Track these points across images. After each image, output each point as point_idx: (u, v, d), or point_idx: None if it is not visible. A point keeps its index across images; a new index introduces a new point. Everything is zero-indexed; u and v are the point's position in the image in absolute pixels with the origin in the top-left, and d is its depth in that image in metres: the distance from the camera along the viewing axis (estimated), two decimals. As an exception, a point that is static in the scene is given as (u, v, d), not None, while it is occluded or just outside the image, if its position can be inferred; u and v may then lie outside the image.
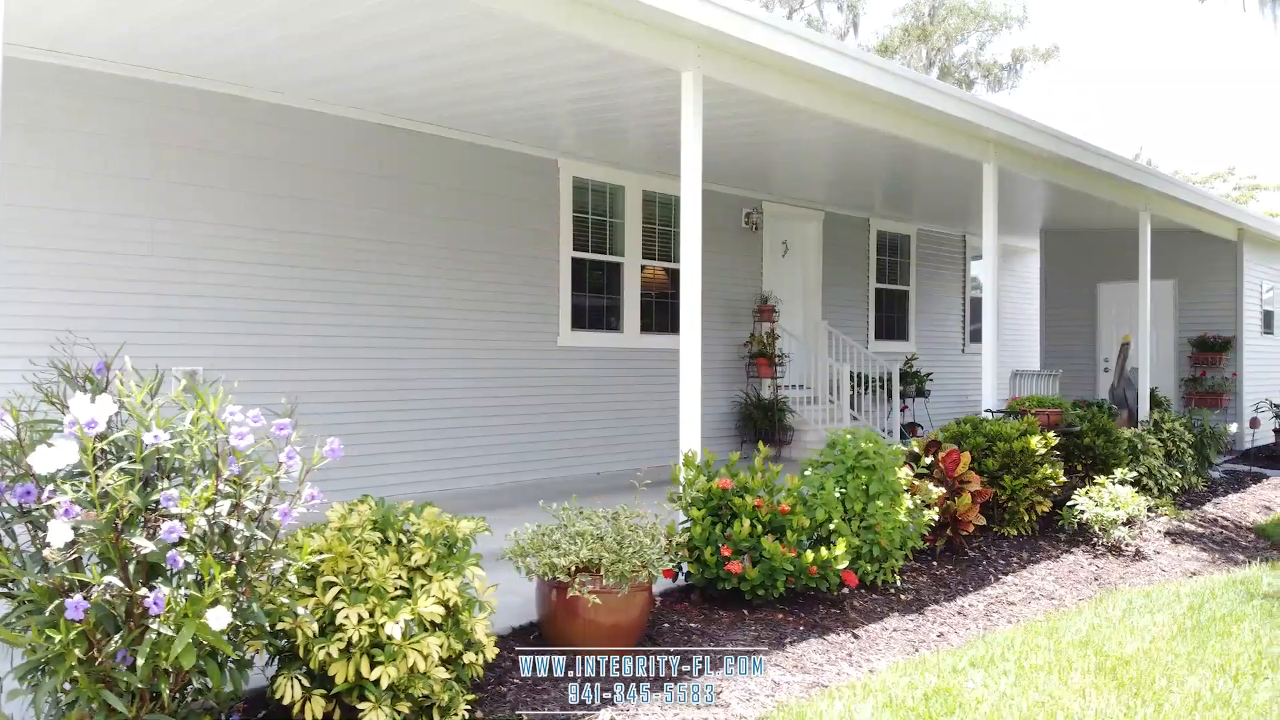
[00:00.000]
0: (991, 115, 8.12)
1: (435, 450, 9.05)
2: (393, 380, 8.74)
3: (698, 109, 5.82)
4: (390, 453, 8.69)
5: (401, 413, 8.80)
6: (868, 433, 6.02)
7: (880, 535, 5.62)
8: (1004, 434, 7.09)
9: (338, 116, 8.22)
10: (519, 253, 9.91)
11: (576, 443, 10.34)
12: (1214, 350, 13.65)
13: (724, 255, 12.26)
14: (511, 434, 9.72)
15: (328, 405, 8.27)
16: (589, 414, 10.53)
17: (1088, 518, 7.08)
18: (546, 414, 10.08)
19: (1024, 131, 8.34)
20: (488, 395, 9.54)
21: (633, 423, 10.96)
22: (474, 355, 9.41)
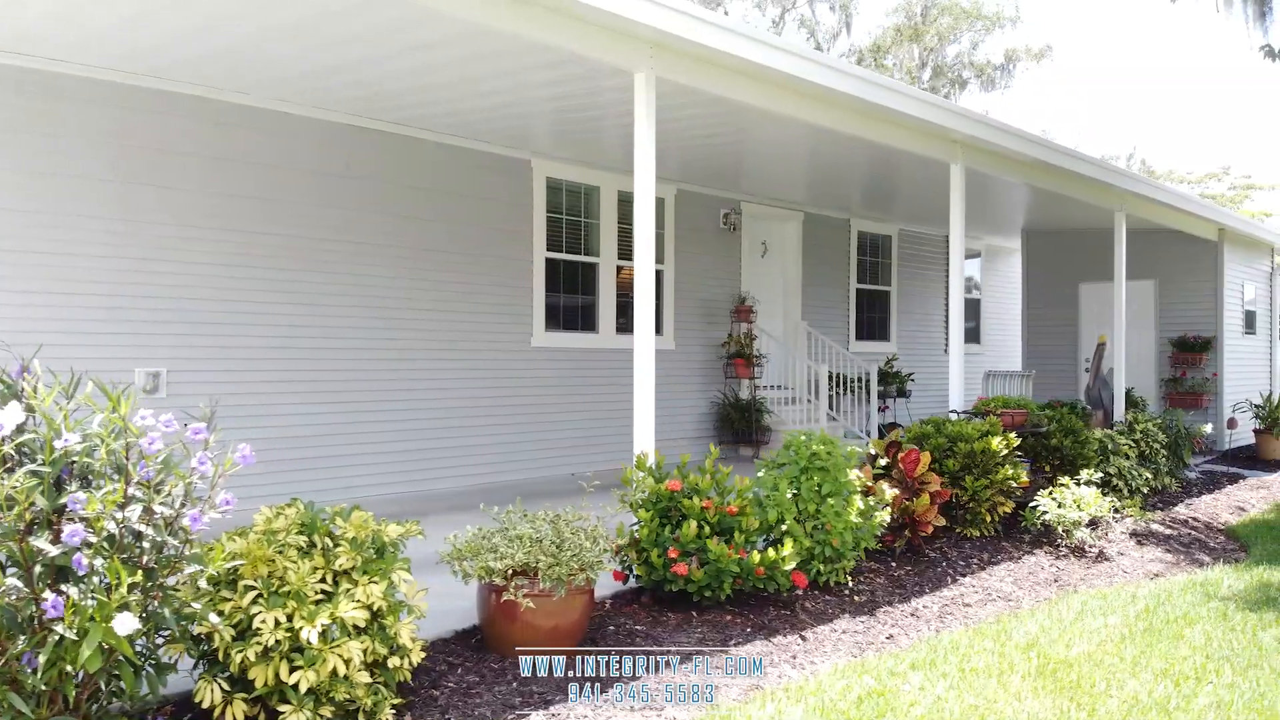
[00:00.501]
0: (957, 117, 8.11)
1: (405, 452, 9.03)
2: (361, 381, 8.73)
3: (651, 110, 5.80)
4: (359, 454, 8.67)
5: (370, 414, 8.78)
6: (822, 434, 6.00)
7: (832, 536, 5.60)
8: (965, 435, 7.07)
9: (305, 117, 8.21)
10: (491, 253, 9.89)
11: (552, 443, 10.32)
12: (1194, 350, 13.63)
13: (701, 256, 12.26)
14: (485, 435, 9.70)
15: (294, 407, 8.27)
16: (564, 415, 10.51)
17: (1050, 519, 7.07)
18: (521, 415, 10.06)
19: (990, 132, 8.33)
20: (460, 396, 9.53)
21: (609, 423, 10.93)
22: (445, 356, 9.39)
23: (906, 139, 8.05)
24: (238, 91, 7.74)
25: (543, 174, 10.33)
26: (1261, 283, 15.50)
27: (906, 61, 38.72)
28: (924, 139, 8.21)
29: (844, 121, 7.54)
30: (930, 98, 7.93)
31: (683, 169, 11.35)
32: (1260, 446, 13.24)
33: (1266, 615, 5.57)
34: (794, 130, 8.71)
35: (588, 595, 4.54)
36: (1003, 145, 8.47)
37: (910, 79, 37.63)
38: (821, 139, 9.29)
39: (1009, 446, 7.19)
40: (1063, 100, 61.47)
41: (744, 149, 10.27)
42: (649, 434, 5.83)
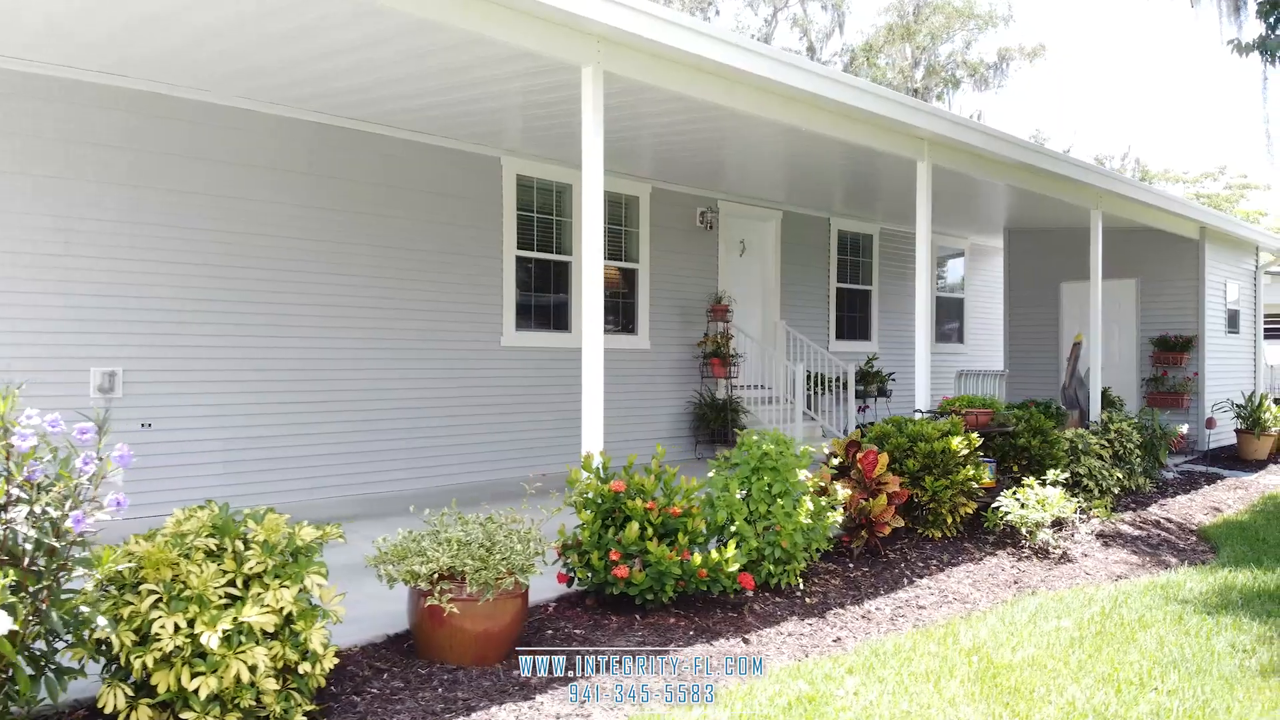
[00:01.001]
0: (921, 114, 8.02)
1: (371, 452, 8.93)
2: (325, 381, 8.63)
3: (598, 105, 5.72)
4: (323, 454, 8.58)
5: (336, 414, 8.68)
6: (775, 434, 5.91)
7: (782, 537, 5.51)
8: (925, 434, 6.98)
9: (265, 114, 8.11)
10: (460, 252, 9.79)
11: (522, 444, 10.23)
12: (1175, 350, 13.54)
13: (677, 255, 12.17)
14: (454, 435, 9.61)
15: (256, 406, 8.17)
16: (535, 415, 10.41)
17: (1012, 520, 6.98)
18: (491, 415, 9.97)
19: (956, 129, 8.24)
20: (428, 397, 9.43)
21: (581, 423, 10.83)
22: (413, 356, 9.29)
23: (870, 135, 7.96)
24: (195, 88, 7.65)
25: (513, 171, 10.23)
26: (1245, 281, 15.41)
27: (899, 61, 38.64)
28: (888, 136, 8.12)
29: (806, 118, 7.45)
30: (892, 94, 7.84)
31: (658, 167, 11.26)
32: (1241, 446, 13.16)
33: (1223, 619, 5.48)
34: (762, 129, 8.62)
35: (520, 599, 4.45)
36: (969, 142, 8.39)
37: (903, 78, 37.57)
38: (788, 137, 9.21)
39: (970, 446, 7.10)
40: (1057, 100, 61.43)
41: (717, 147, 10.18)
42: (597, 434, 5.73)
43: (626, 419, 11.38)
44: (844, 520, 6.59)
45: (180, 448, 7.86)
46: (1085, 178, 10.12)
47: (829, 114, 7.57)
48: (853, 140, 8.02)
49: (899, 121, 7.87)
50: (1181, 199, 12.35)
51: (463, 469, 9.63)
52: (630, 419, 11.44)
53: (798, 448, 5.96)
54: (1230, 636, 5.16)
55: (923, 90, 37.48)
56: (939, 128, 8.08)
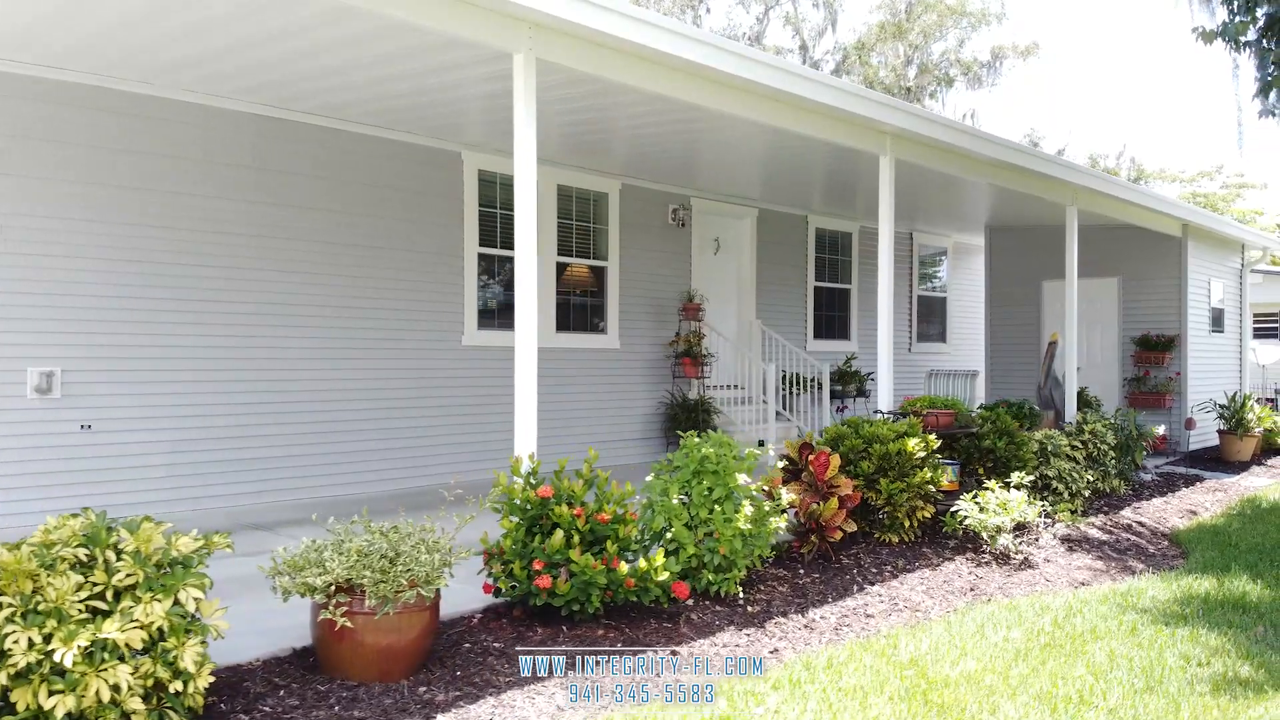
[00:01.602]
0: (882, 107, 7.80)
1: (325, 455, 8.72)
2: (276, 382, 8.42)
3: (530, 93, 5.49)
4: (271, 458, 8.36)
5: (288, 416, 8.47)
6: (718, 436, 5.70)
7: (720, 543, 5.30)
8: (880, 435, 6.76)
9: (207, 106, 7.89)
10: (418, 249, 9.58)
11: (484, 445, 10.00)
12: (1157, 349, 13.33)
13: (649, 252, 11.96)
14: (412, 437, 9.39)
15: (201, 408, 7.95)
16: (497, 416, 10.17)
17: (970, 524, 6.76)
18: (452, 416, 9.75)
19: (919, 123, 8.02)
20: (385, 398, 9.21)
21: (548, 424, 10.61)
22: (367, 356, 9.07)
23: (829, 129, 7.75)
24: (138, 80, 7.44)
25: (474, 166, 10.02)
26: (1231, 280, 15.19)
27: (892, 59, 38.44)
28: (850, 130, 7.91)
29: (764, 112, 7.24)
30: (851, 86, 7.63)
31: (628, 163, 11.05)
32: (1223, 447, 12.94)
33: (1179, 631, 5.26)
34: (727, 124, 8.41)
35: (428, 612, 4.22)
36: (932, 136, 8.17)
37: (895, 77, 37.35)
38: (754, 133, 9.00)
39: (927, 448, 6.88)
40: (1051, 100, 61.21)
41: (684, 143, 9.96)
42: (529, 437, 5.50)
43: (596, 420, 11.18)
44: (794, 525, 6.38)
45: (122, 450, 7.65)
46: (1059, 173, 9.91)
47: (787, 107, 7.36)
48: (814, 135, 7.80)
49: (860, 115, 7.66)
50: (1162, 196, 12.13)
51: (423, 471, 9.41)
52: (600, 420, 11.24)
53: (743, 449, 5.75)
54: (1184, 649, 4.94)
55: (916, 89, 37.28)
56: (901, 121, 7.86)
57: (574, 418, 10.92)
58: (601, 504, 5.08)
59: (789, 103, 7.25)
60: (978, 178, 9.39)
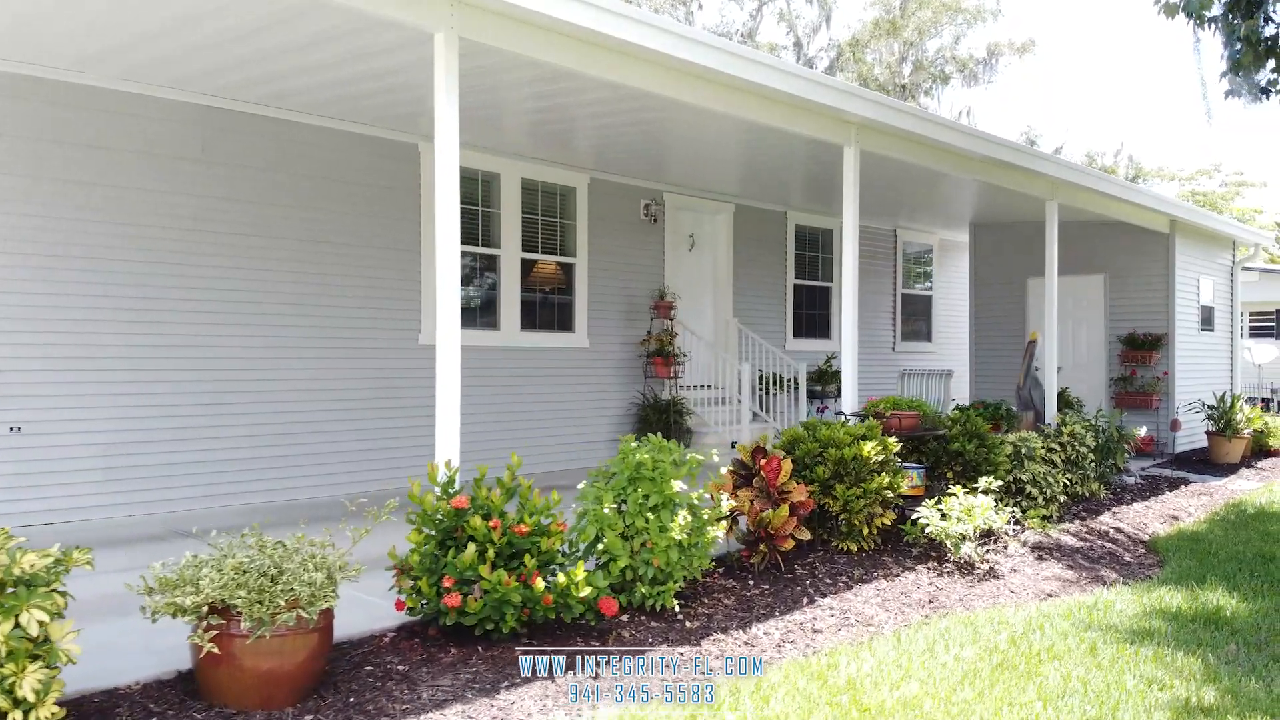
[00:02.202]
0: (847, 96, 7.46)
1: (272, 458, 8.41)
2: (218, 382, 8.09)
3: (452, 74, 5.17)
4: (215, 460, 8.06)
5: (231, 417, 8.15)
6: (657, 441, 5.36)
7: (654, 554, 4.97)
8: (836, 439, 6.42)
9: (147, 96, 7.58)
10: (375, 244, 9.26)
11: (443, 448, 9.67)
12: (1144, 348, 12.98)
13: (620, 249, 11.63)
14: (364, 440, 9.07)
15: (138, 410, 7.63)
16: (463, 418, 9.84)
17: (932, 532, 6.42)
18: (407, 418, 9.41)
19: (884, 113, 7.68)
20: (335, 399, 8.89)
21: (512, 427, 10.32)
22: (318, 356, 8.75)
23: (792, 119, 7.42)
24: (72, 70, 7.12)
25: (432, 159, 9.66)
26: (1221, 277, 14.84)
27: (886, 56, 38.12)
28: (813, 119, 7.57)
29: (720, 100, 6.91)
30: (812, 74, 7.28)
31: (597, 157, 10.71)
32: (1212, 449, 12.60)
33: (1143, 650, 4.92)
34: (690, 115, 8.10)
35: (317, 634, 3.89)
36: (900, 126, 7.83)
37: (890, 74, 37.04)
38: (723, 125, 8.65)
39: (886, 452, 6.54)
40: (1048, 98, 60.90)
41: (649, 135, 9.62)
42: (451, 441, 5.17)
43: (564, 420, 10.86)
44: (743, 534, 6.05)
45: (56, 453, 7.34)
46: (1036, 166, 9.56)
47: (748, 96, 7.03)
48: (777, 125, 7.47)
49: (823, 105, 7.32)
50: (1147, 190, 11.77)
51: (375, 475, 9.09)
52: (568, 421, 10.91)
53: (685, 454, 5.42)
54: (1147, 670, 4.60)
55: (911, 86, 36.97)
56: (866, 111, 7.52)
57: (541, 419, 10.59)
58: (523, 515, 4.75)
59: (749, 91, 6.92)
60: (950, 170, 9.05)
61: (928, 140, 8.28)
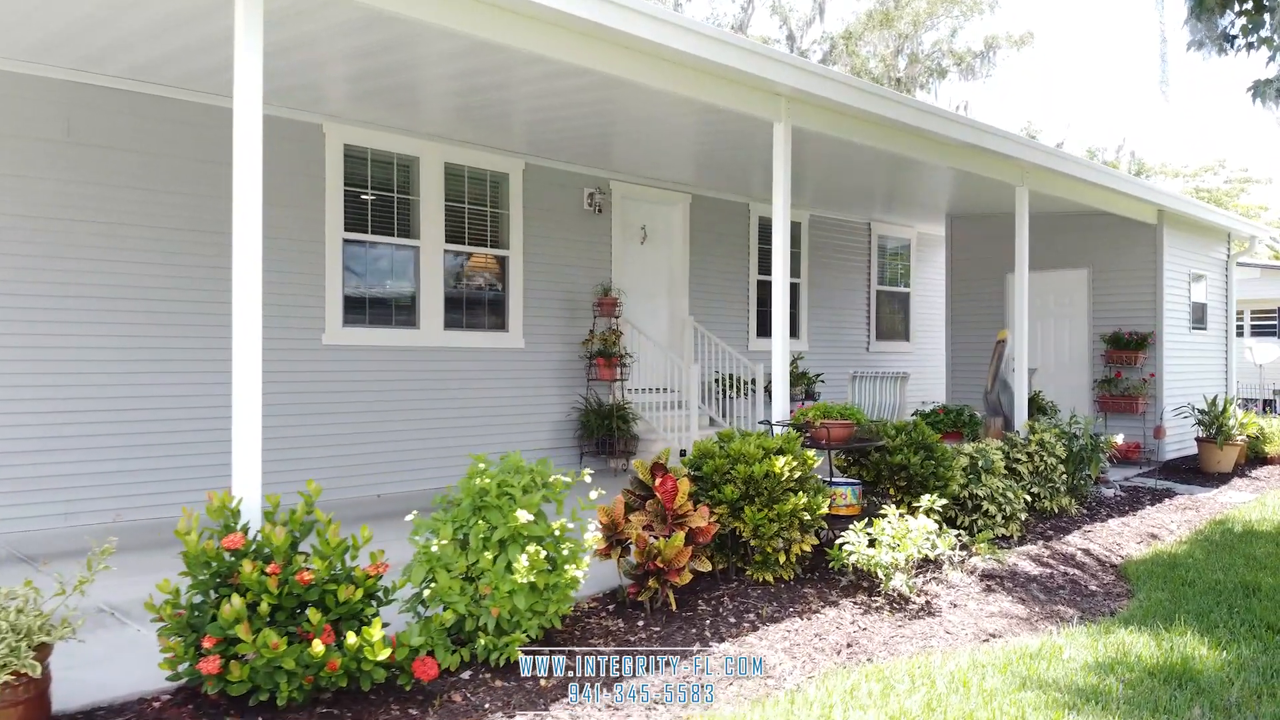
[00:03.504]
0: (775, 63, 6.58)
1: (153, 470, 7.57)
2: (84, 388, 7.26)
3: (254, 13, 4.30)
4: (83, 474, 7.24)
5: (96, 425, 7.32)
6: (513, 459, 4.50)
7: (494, 601, 4.11)
8: (746, 453, 5.55)
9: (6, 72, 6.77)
10: (271, 235, 8.35)
11: (353, 460, 8.83)
12: (1130, 348, 12.07)
13: (561, 241, 10.77)
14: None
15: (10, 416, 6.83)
16: (372, 426, 9.01)
17: (857, 561, 5.54)
18: (310, 427, 8.58)
19: (817, 83, 6.80)
20: (220, 405, 8.03)
21: (436, 434, 9.47)
22: (204, 358, 7.90)
23: (716, 91, 6.57)
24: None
25: (339, 140, 8.84)
26: (1215, 273, 13.92)
27: (881, 49, 37.29)
28: (738, 91, 6.71)
29: (628, 68, 6.06)
30: (732, 36, 6.40)
31: (532, 140, 9.85)
32: (1202, 457, 11.69)
33: (1088, 714, 4.05)
34: (612, 89, 7.26)
35: (20, 708, 3.04)
36: (835, 99, 6.95)
37: (885, 67, 36.16)
38: (657, 103, 7.83)
39: (805, 467, 5.67)
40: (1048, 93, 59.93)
41: (579, 112, 8.74)
42: (251, 465, 4.29)
43: (496, 428, 9.99)
44: (630, 566, 5.19)
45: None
46: (1003, 148, 8.66)
47: (665, 64, 6.20)
48: (702, 98, 6.63)
49: (747, 73, 6.45)
50: (1129, 177, 10.84)
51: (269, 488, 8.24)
52: (500, 428, 10.05)
53: (551, 476, 4.56)
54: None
55: (907, 80, 36.10)
56: (796, 80, 6.65)
57: (467, 427, 9.74)
58: (334, 555, 3.89)
59: (666, 58, 6.10)
60: (906, 152, 8.17)
61: (872, 116, 7.40)
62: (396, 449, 9.13)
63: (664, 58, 6.15)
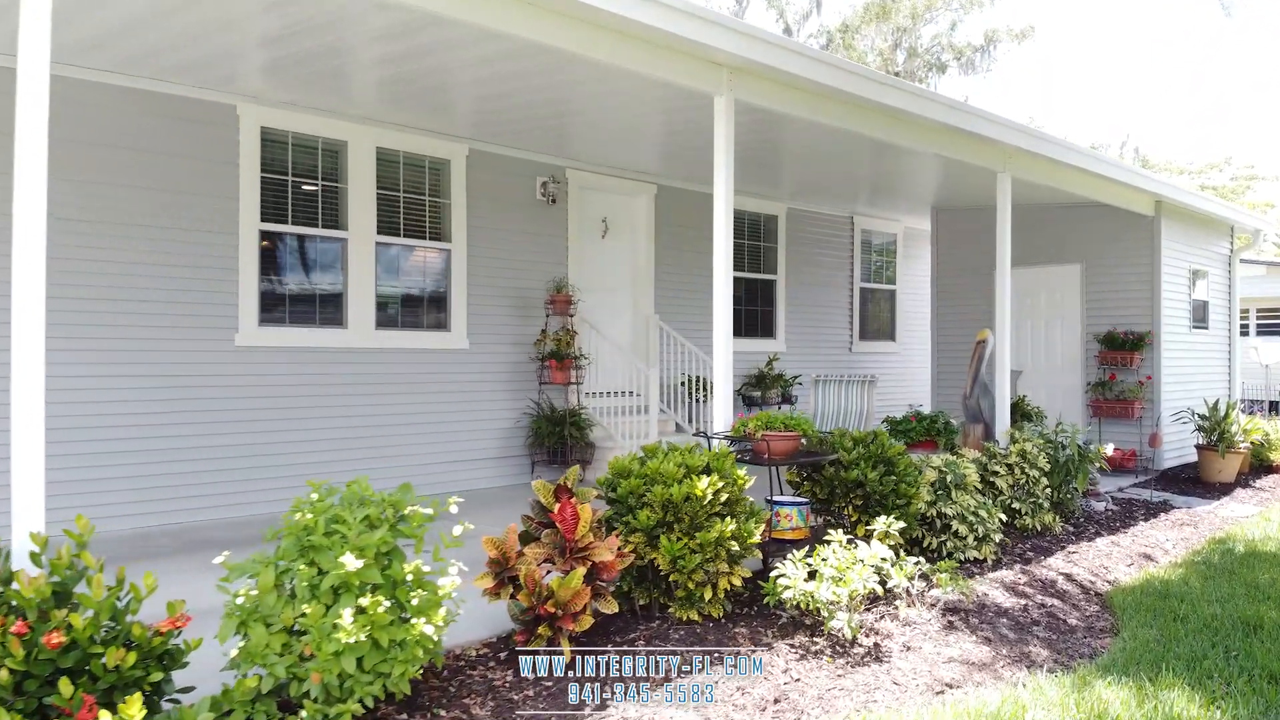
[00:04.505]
0: (714, 28, 5.81)
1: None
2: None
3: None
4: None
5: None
6: (357, 486, 3.75)
7: (315, 665, 3.35)
8: (663, 473, 4.78)
9: None
10: (181, 224, 7.68)
11: (272, 473, 8.09)
12: (1125, 348, 11.28)
13: (511, 233, 10.02)
14: (156, 465, 7.48)
15: None
16: (292, 435, 8.27)
17: (793, 597, 4.77)
18: (219, 436, 7.84)
19: (765, 50, 6.03)
20: (116, 413, 7.31)
21: (368, 444, 8.72)
22: (96, 361, 7.17)
23: (652, 61, 5.83)
24: None
25: (256, 122, 8.09)
26: (1218, 268, 13.12)
27: (879, 43, 36.57)
28: (677, 61, 5.97)
29: (557, 35, 5.31)
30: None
31: (478, 123, 9.10)
32: (1203, 465, 10.89)
33: (1043, 803, 3.27)
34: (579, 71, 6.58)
35: None
36: (786, 70, 6.17)
37: (883, 61, 35.43)
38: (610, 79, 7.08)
39: (734, 488, 4.90)
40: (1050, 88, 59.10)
41: (543, 97, 8.02)
42: (34, 498, 3.52)
43: (437, 436, 9.26)
44: (520, 610, 4.42)
45: None
46: (980, 128, 7.89)
47: (604, 32, 5.49)
48: (642, 71, 5.89)
49: (683, 38, 5.70)
50: (1122, 164, 10.03)
51: (174, 506, 7.51)
52: (441, 436, 9.31)
53: (412, 507, 3.80)
54: None
55: (905, 74, 35.31)
56: (737, 47, 5.88)
57: (405, 435, 9.00)
58: (117, 610, 3.14)
59: (604, 25, 5.38)
60: (873, 133, 7.40)
61: (828, 90, 6.63)
62: (321, 460, 8.39)
63: (601, 25, 5.44)
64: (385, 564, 3.61)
